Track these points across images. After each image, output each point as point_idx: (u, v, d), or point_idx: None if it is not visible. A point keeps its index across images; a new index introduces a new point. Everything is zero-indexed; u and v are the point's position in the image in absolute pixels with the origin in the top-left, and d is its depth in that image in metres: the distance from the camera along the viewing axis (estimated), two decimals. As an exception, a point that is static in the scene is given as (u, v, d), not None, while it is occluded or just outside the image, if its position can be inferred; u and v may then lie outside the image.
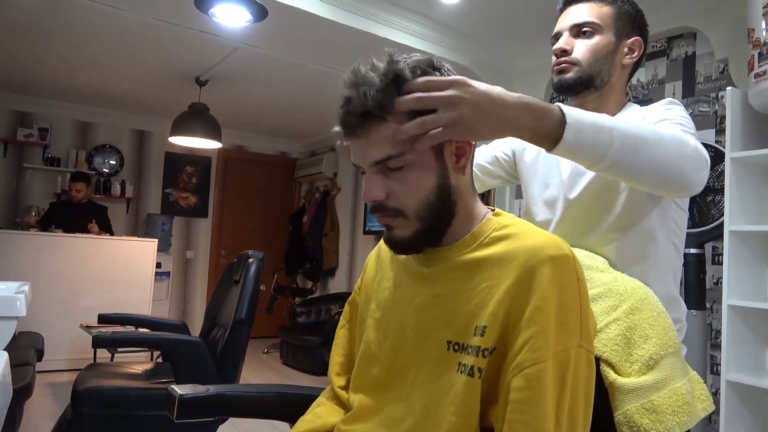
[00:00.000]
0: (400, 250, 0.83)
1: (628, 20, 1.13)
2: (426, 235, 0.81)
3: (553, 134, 0.78)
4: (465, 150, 0.81)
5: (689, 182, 0.89)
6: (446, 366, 0.77)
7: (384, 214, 0.80)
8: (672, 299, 1.09)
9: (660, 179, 0.86)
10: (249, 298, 2.35)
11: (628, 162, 0.82)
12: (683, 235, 1.13)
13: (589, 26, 1.11)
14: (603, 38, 1.11)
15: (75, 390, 2.11)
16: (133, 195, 5.68)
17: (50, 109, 5.32)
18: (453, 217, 0.81)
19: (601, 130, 0.80)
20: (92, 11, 3.01)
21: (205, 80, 4.33)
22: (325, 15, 2.83)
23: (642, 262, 1.06)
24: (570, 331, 0.71)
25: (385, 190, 0.78)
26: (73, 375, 2.51)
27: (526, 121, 0.75)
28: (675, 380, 0.83)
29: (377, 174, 0.79)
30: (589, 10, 1.12)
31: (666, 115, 1.03)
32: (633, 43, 1.13)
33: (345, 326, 1.03)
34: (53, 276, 4.26)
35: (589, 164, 0.84)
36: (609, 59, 1.11)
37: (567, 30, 1.14)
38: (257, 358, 5.35)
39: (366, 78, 0.75)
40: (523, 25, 3.15)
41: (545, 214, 1.18)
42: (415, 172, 0.77)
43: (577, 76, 1.11)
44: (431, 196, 0.78)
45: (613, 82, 1.14)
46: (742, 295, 2.24)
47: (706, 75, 2.77)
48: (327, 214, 5.99)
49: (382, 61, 0.76)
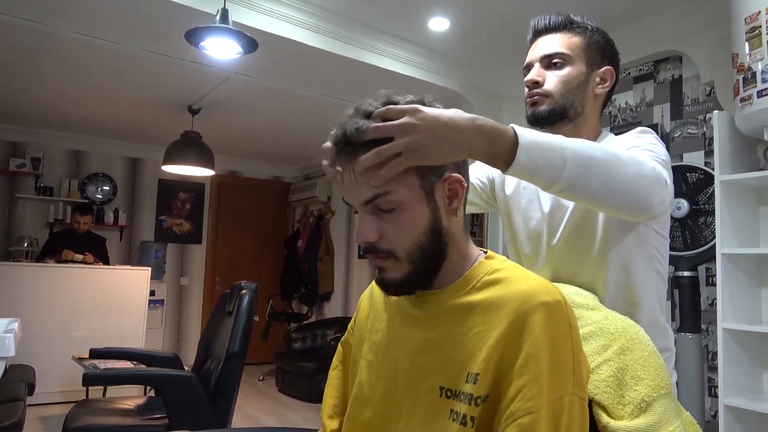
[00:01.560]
0: (391, 291, 0.83)
1: (598, 50, 1.13)
2: (417, 278, 0.80)
3: (507, 156, 0.77)
4: (457, 192, 0.80)
5: (648, 203, 0.88)
6: (439, 413, 0.76)
7: (376, 255, 0.80)
8: (659, 327, 1.08)
9: (617, 200, 0.86)
10: (242, 329, 2.33)
11: (583, 182, 0.82)
12: (666, 261, 1.12)
13: (560, 57, 1.11)
14: (574, 69, 1.11)
15: (66, 428, 2.07)
16: (126, 223, 5.66)
17: (42, 139, 5.32)
18: (444, 259, 0.81)
19: (555, 150, 0.80)
20: (83, 44, 3.03)
21: (197, 108, 4.35)
22: (315, 44, 2.86)
23: (626, 291, 1.06)
24: (563, 379, 0.71)
25: (378, 232, 0.78)
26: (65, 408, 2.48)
27: (478, 145, 0.75)
28: (668, 423, 0.82)
29: (370, 214, 0.79)
30: (560, 41, 1.12)
31: (635, 143, 1.03)
32: (605, 72, 1.13)
33: (338, 367, 1.02)
34: (45, 306, 4.21)
35: (544, 185, 0.83)
36: (581, 90, 1.11)
37: (538, 61, 1.13)
38: (253, 385, 5.29)
39: (357, 117, 0.76)
40: (512, 50, 3.19)
41: (530, 249, 1.17)
42: (407, 213, 0.77)
43: (551, 108, 1.10)
44: (423, 238, 0.78)
45: (587, 113, 1.13)
46: (737, 318, 2.24)
47: (693, 97, 2.80)
48: (321, 238, 5.98)
49: (375, 101, 0.78)
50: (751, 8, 2.10)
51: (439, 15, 2.84)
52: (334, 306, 5.85)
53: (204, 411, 2.16)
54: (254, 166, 6.55)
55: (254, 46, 2.42)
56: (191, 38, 2.33)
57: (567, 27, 1.13)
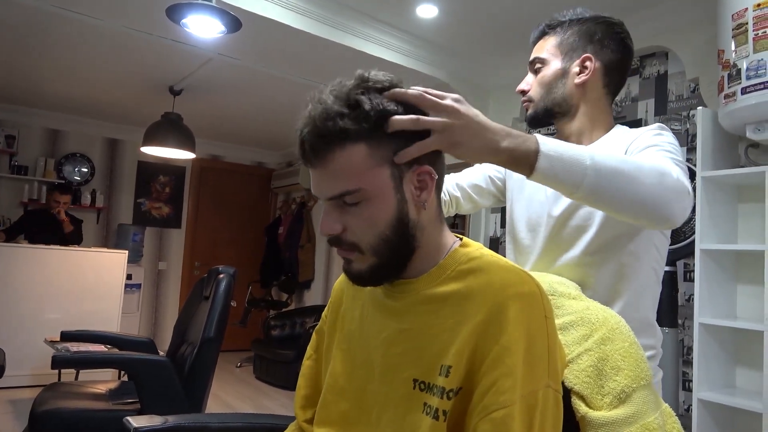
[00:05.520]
0: (358, 283, 0.81)
1: (573, 42, 1.14)
2: (383, 270, 0.79)
3: (529, 161, 0.79)
4: (426, 183, 0.78)
5: (670, 214, 0.87)
6: (412, 405, 0.74)
7: (341, 247, 0.78)
8: (648, 325, 1.09)
9: (639, 210, 0.85)
10: (218, 315, 2.29)
11: (605, 191, 0.83)
12: (663, 262, 1.13)
13: (538, 62, 1.17)
14: (548, 69, 1.16)
15: (33, 412, 2.02)
16: (104, 204, 5.55)
17: (18, 116, 5.18)
18: (413, 251, 0.79)
19: (576, 159, 0.81)
20: (64, 19, 2.94)
21: (179, 90, 4.26)
22: (300, 27, 2.80)
23: (621, 285, 1.06)
24: (538, 372, 0.70)
25: (341, 224, 0.76)
26: (36, 391, 2.42)
27: (506, 144, 0.78)
28: (647, 414, 0.81)
29: (334, 207, 0.77)
30: (537, 48, 1.19)
31: (654, 141, 1.03)
32: (581, 61, 1.14)
33: (312, 356, 0.99)
34: (18, 288, 4.12)
35: (566, 192, 0.84)
36: (560, 86, 1.14)
37: (529, 71, 1.21)
38: (230, 372, 5.25)
39: (325, 101, 0.73)
40: (500, 39, 3.17)
41: (528, 236, 1.18)
42: (373, 206, 0.75)
43: (534, 111, 1.17)
44: (388, 231, 0.76)
45: (582, 104, 1.14)
46: (714, 313, 2.26)
47: (677, 94, 2.81)
48: (303, 226, 5.93)
49: (348, 82, 0.75)
50: (738, 5, 2.10)
51: (427, 2, 2.81)
52: (314, 294, 5.83)
53: (177, 396, 2.12)
54: (236, 150, 6.46)
55: (238, 25, 2.36)
56: (173, 14, 2.26)
57: (546, 33, 1.19)
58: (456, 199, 1.32)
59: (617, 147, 1.09)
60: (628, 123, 2.87)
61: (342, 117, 0.72)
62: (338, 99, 0.73)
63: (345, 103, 0.73)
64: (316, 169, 0.75)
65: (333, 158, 0.73)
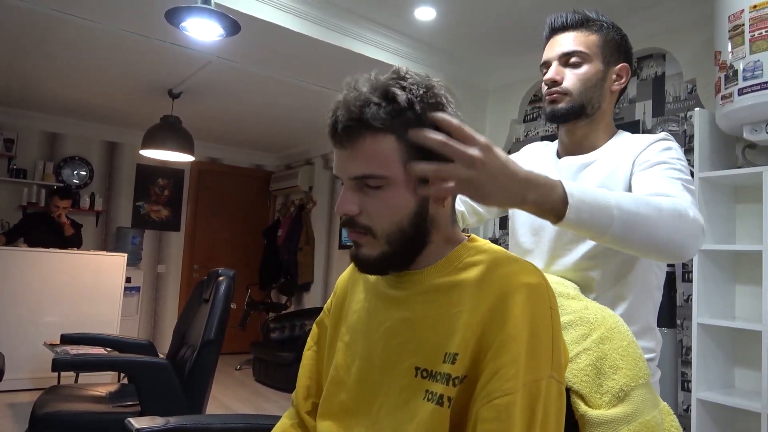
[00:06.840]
0: (364, 268, 0.82)
1: (614, 47, 1.15)
2: (392, 259, 0.79)
3: (557, 211, 0.80)
4: None
5: (686, 253, 0.92)
6: (413, 393, 0.75)
7: (353, 229, 0.79)
8: (648, 328, 1.11)
9: (658, 251, 0.90)
10: (218, 317, 2.29)
11: (628, 237, 0.86)
12: (664, 266, 1.15)
13: (578, 55, 1.13)
14: (592, 67, 1.13)
15: (34, 415, 2.02)
16: (102, 208, 5.55)
17: (17, 119, 5.18)
18: (425, 245, 0.80)
19: (603, 209, 0.83)
20: (62, 22, 2.95)
21: (177, 93, 4.26)
22: (299, 30, 2.81)
23: (623, 289, 1.07)
24: (541, 362, 0.70)
25: (359, 206, 0.77)
26: (35, 395, 2.42)
27: (532, 197, 0.77)
28: (645, 413, 0.82)
29: (354, 188, 0.77)
30: (576, 39, 1.13)
31: (662, 158, 1.04)
32: (620, 69, 1.15)
33: (312, 348, 1.00)
34: (17, 291, 4.11)
35: (591, 238, 0.88)
36: (599, 87, 1.13)
37: (556, 59, 1.15)
38: (229, 375, 5.24)
39: (361, 89, 0.74)
40: (498, 41, 3.18)
41: (530, 239, 1.19)
42: (394, 194, 0.76)
43: (569, 105, 1.12)
44: (405, 221, 0.77)
45: (603, 109, 1.16)
46: (712, 313, 2.27)
47: (675, 95, 2.82)
48: (302, 228, 5.93)
49: (383, 76, 0.76)
50: (735, 7, 2.11)
51: (425, 4, 2.82)
52: (314, 296, 5.82)
53: (177, 398, 2.12)
54: (235, 153, 6.47)
55: (236, 28, 2.37)
56: (172, 18, 2.27)
57: (584, 24, 1.15)
58: (461, 213, 1.32)
59: (624, 157, 1.10)
60: (626, 124, 2.88)
61: (378, 106, 0.73)
62: (375, 90, 0.74)
63: (382, 95, 0.74)
64: (345, 149, 0.76)
65: (364, 141, 0.74)
